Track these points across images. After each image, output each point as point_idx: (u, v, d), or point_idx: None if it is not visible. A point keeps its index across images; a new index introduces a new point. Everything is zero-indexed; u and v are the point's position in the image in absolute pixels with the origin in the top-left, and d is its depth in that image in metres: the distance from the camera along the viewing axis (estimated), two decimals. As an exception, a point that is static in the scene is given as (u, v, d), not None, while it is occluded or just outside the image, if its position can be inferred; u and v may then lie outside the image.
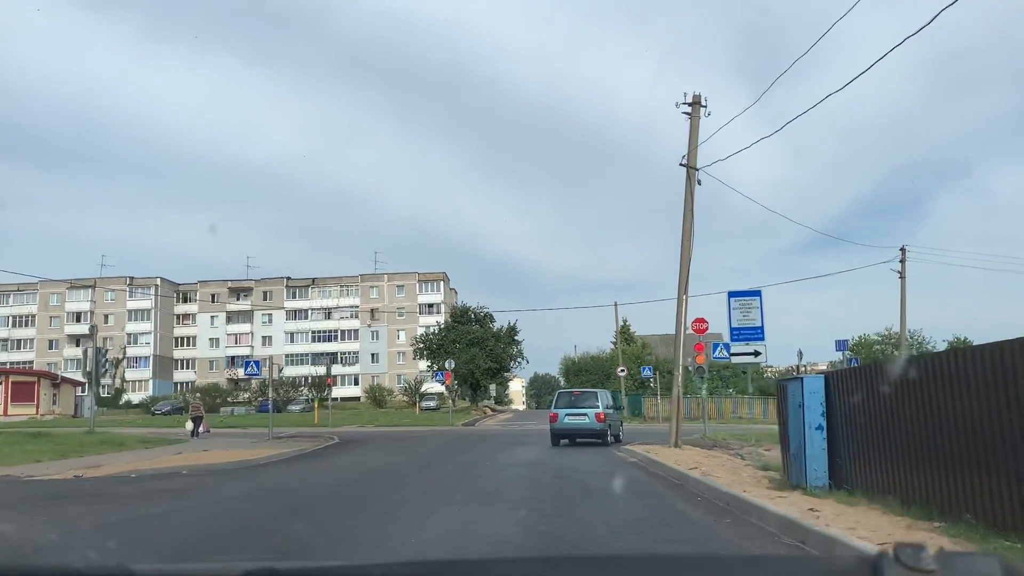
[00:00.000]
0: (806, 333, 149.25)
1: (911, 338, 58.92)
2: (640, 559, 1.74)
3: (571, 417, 22.84)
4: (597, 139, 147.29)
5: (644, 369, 47.67)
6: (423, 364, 73.53)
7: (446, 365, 47.58)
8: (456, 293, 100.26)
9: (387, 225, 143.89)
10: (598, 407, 22.90)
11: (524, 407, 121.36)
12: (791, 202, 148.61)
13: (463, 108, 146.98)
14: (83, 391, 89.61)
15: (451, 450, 23.27)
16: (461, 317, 69.09)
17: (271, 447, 23.58)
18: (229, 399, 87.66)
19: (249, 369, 27.68)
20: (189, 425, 29.22)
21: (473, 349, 63.67)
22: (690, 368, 26.49)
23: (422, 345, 67.94)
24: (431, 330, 70.79)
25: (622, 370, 48.14)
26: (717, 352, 25.81)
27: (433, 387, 69.99)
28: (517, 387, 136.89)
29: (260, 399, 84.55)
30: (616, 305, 52.03)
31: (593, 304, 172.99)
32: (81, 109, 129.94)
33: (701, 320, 26.20)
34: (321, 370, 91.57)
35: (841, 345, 31.56)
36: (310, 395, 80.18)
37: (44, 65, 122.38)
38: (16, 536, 7.61)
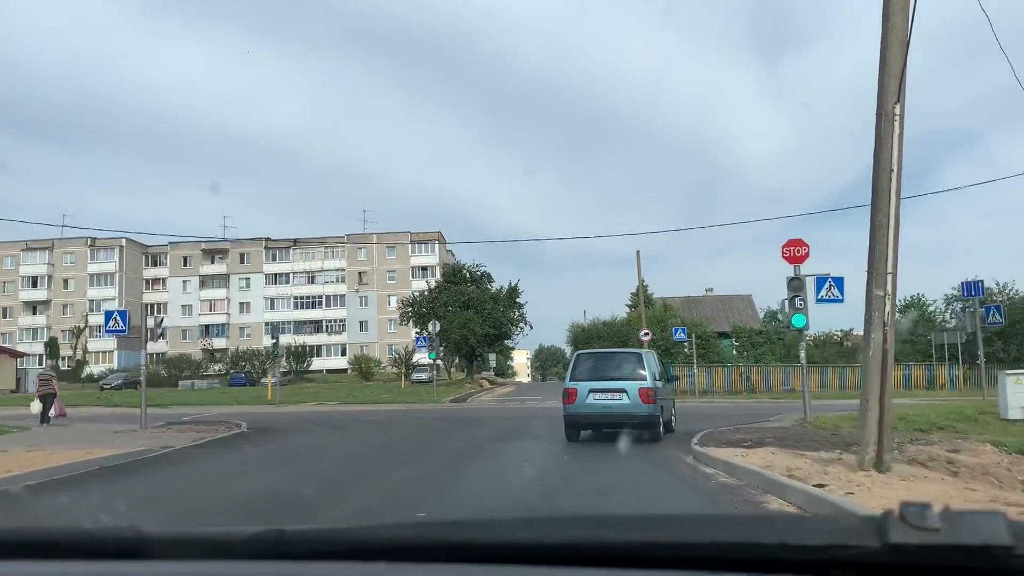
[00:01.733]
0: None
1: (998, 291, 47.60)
2: (643, 519, 1.58)
3: (599, 395, 13.59)
4: (604, 110, 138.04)
5: (677, 331, 38.21)
6: (416, 332, 64.39)
7: (429, 328, 38.33)
8: (453, 255, 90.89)
9: (388, 200, 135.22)
10: (644, 379, 13.62)
11: (529, 379, 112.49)
12: (797, 179, 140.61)
13: (469, 80, 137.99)
14: (38, 363, 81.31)
15: (401, 451, 14.17)
16: (454, 276, 59.64)
17: (117, 444, 14.80)
18: (201, 371, 79.23)
19: (111, 323, 18.42)
20: (36, 407, 20.19)
21: (467, 312, 54.30)
22: (779, 316, 17.59)
23: (409, 309, 58.57)
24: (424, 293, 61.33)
25: (646, 333, 38.81)
26: (823, 292, 16.54)
27: (426, 357, 60.89)
28: (522, 359, 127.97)
29: (232, 371, 75.93)
30: (638, 254, 42.38)
31: (604, 269, 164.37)
32: (69, 76, 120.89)
33: (798, 242, 16.90)
34: (304, 339, 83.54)
35: (973, 288, 22.12)
36: (290, 366, 72.01)
37: (33, 29, 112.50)
38: None
